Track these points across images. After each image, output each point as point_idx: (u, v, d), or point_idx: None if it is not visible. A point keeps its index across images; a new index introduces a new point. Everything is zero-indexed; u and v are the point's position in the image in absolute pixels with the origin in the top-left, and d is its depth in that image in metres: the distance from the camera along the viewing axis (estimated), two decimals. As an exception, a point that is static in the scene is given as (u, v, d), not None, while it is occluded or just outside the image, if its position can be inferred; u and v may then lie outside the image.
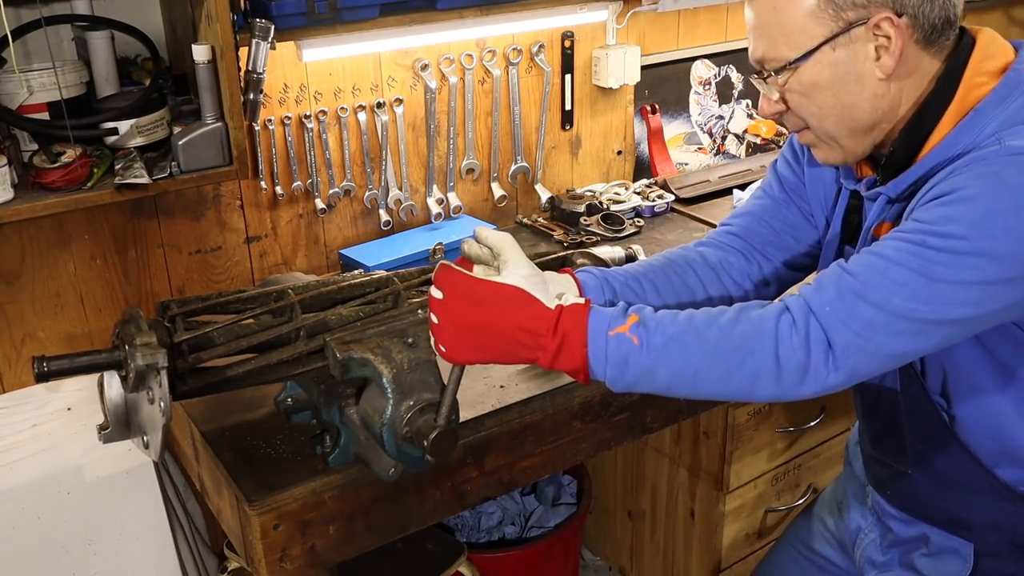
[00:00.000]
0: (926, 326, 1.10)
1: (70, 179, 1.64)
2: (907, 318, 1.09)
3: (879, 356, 1.11)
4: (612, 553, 2.58)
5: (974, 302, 1.08)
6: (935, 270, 1.07)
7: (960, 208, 1.07)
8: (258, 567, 1.40)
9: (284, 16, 1.76)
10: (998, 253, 1.06)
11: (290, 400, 1.47)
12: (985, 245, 1.06)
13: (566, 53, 2.41)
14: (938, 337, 1.12)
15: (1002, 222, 1.05)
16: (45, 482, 1.67)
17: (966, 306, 1.09)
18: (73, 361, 1.21)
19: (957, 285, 1.07)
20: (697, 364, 1.13)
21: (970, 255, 1.06)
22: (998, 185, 1.07)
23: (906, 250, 1.09)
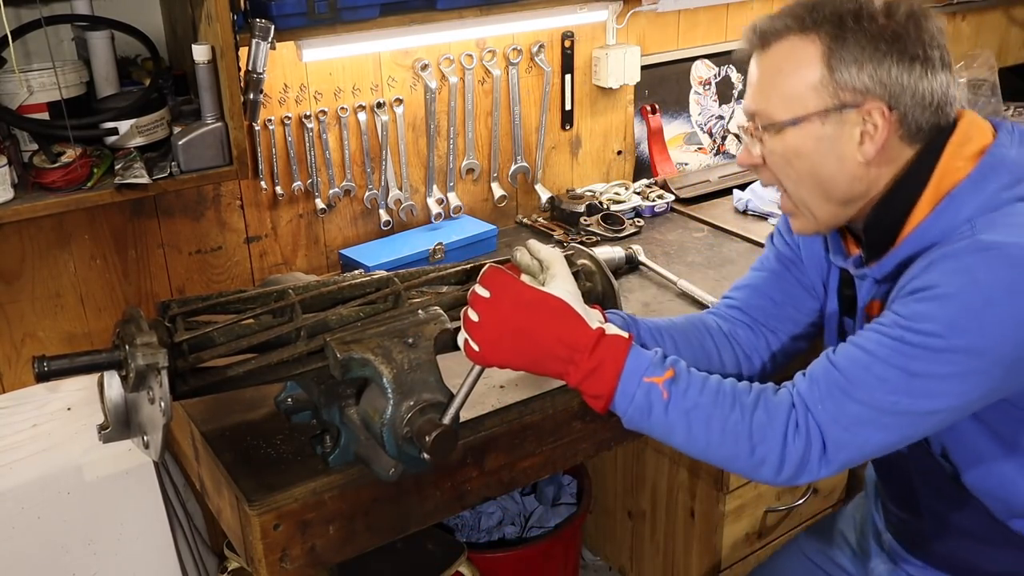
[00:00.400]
0: (911, 418, 1.16)
1: (70, 179, 1.64)
2: (892, 412, 1.15)
3: (867, 449, 1.18)
4: (612, 553, 2.58)
5: (955, 393, 1.14)
6: (914, 365, 1.13)
7: (935, 306, 1.13)
8: (258, 567, 1.40)
9: (284, 16, 1.76)
10: (973, 348, 1.12)
11: (290, 400, 1.47)
12: (960, 342, 1.11)
13: (566, 53, 2.41)
14: (925, 427, 1.18)
15: (975, 319, 1.11)
16: (45, 482, 1.67)
17: (948, 397, 1.14)
18: (73, 361, 1.21)
19: (937, 379, 1.13)
20: (712, 438, 1.21)
21: (946, 351, 1.12)
22: (969, 283, 1.12)
23: (887, 345, 1.15)
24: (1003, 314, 1.10)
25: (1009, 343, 1.11)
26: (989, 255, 1.12)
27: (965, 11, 3.21)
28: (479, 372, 1.26)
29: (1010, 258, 1.11)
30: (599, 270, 1.55)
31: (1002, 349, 1.11)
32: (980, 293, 1.11)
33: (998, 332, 1.11)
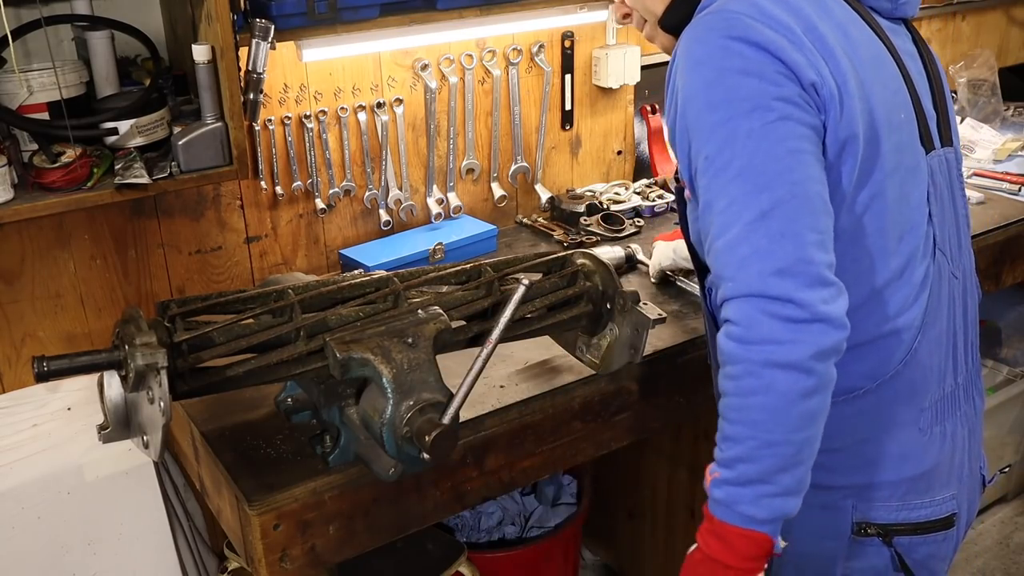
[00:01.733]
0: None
1: (70, 179, 1.64)
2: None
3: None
4: (612, 553, 2.58)
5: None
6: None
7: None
8: (258, 567, 1.40)
9: (284, 16, 1.76)
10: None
11: (290, 400, 1.47)
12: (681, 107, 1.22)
13: (566, 53, 2.41)
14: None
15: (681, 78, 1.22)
16: (45, 482, 1.67)
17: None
18: (73, 361, 1.21)
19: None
20: (770, 420, 1.11)
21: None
22: (679, 53, 1.23)
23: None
24: (716, 77, 1.16)
25: (737, 88, 1.15)
26: (703, 20, 1.20)
27: (965, 11, 3.21)
28: (479, 370, 1.25)
29: (722, 19, 1.18)
30: (600, 269, 1.55)
31: (736, 94, 1.15)
32: (698, 51, 1.19)
33: (717, 93, 1.16)
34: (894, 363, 1.27)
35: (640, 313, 1.51)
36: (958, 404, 1.36)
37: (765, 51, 1.15)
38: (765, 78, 1.14)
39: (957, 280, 1.33)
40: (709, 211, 1.15)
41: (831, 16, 1.24)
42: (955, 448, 1.35)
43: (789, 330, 1.07)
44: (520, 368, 1.70)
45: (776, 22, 1.17)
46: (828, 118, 1.18)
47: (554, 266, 1.57)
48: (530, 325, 1.50)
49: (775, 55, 1.15)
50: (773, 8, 1.19)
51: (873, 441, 1.30)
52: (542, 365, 1.70)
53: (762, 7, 1.18)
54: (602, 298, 1.55)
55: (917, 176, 1.27)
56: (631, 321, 1.52)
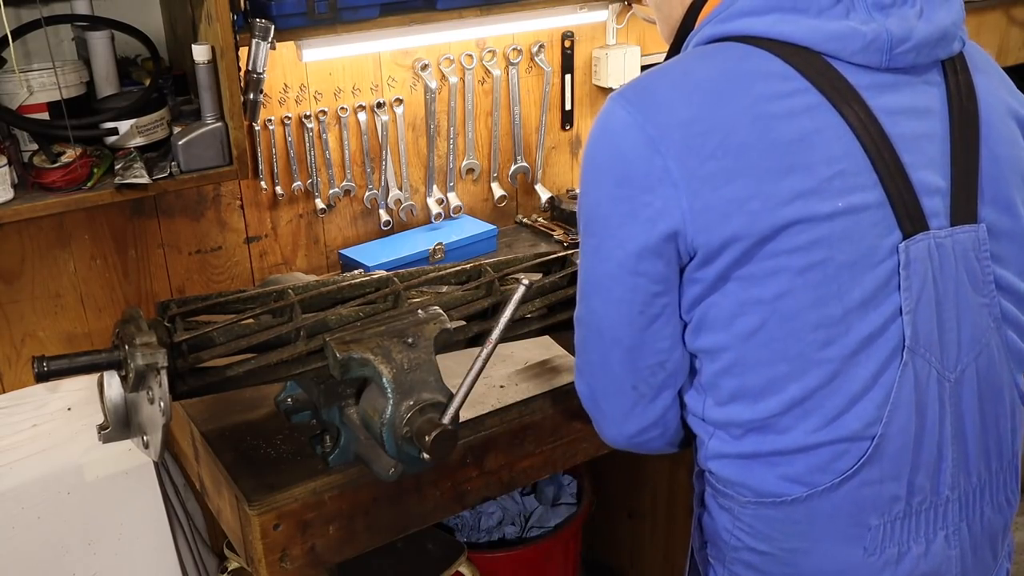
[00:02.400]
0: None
1: (70, 179, 1.64)
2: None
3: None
4: (612, 553, 2.58)
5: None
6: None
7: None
8: (258, 567, 1.40)
9: (284, 16, 1.76)
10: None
11: (290, 400, 1.47)
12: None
13: (566, 53, 2.41)
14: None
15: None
16: (45, 482, 1.67)
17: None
18: (73, 361, 1.21)
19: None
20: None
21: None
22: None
23: None
24: (584, 167, 1.15)
25: (584, 196, 1.15)
26: (610, 98, 1.14)
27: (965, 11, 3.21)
28: (479, 370, 1.26)
29: (608, 110, 1.13)
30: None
31: (583, 200, 1.16)
32: (589, 135, 1.16)
33: (582, 184, 1.16)
34: (832, 474, 1.13)
35: None
36: (942, 520, 1.18)
37: (617, 167, 1.11)
38: (602, 201, 1.13)
39: (948, 384, 1.13)
40: None
41: (751, 96, 1.08)
42: (932, 569, 1.18)
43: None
44: (520, 368, 1.70)
45: (649, 122, 1.08)
46: (681, 243, 1.10)
47: (554, 266, 1.57)
48: (530, 325, 1.50)
49: (625, 177, 1.10)
50: (667, 93, 1.10)
51: (803, 553, 1.17)
52: (542, 365, 1.70)
53: (654, 93, 1.11)
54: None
55: (868, 270, 1.08)
56: (631, 321, 1.52)
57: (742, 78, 1.09)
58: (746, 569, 1.21)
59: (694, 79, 1.10)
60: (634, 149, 1.08)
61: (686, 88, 1.09)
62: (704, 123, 1.07)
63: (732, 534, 1.22)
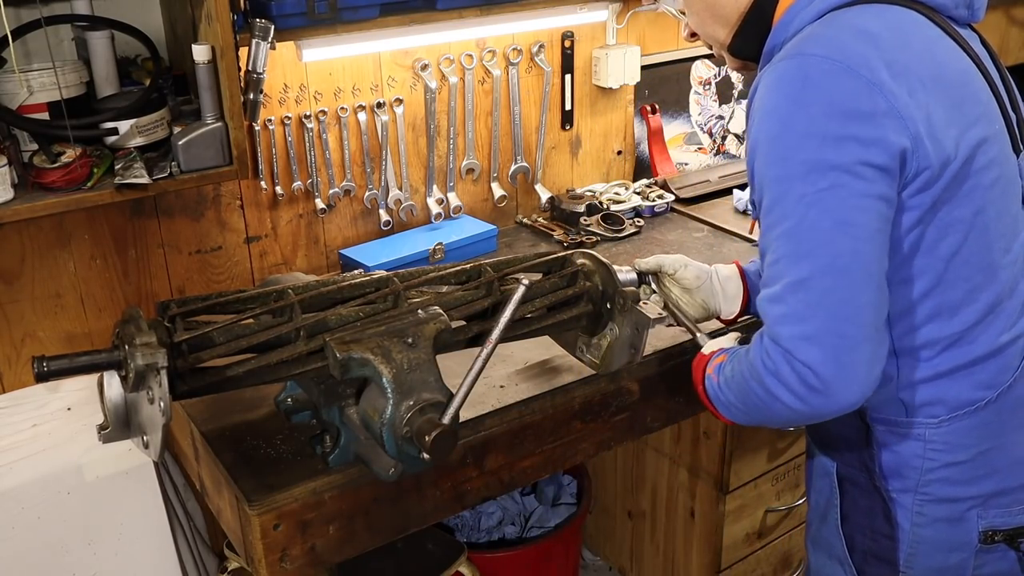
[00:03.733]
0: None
1: (70, 179, 1.64)
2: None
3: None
4: (612, 553, 2.58)
5: (792, 211, 1.20)
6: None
7: (752, 125, 1.24)
8: (258, 567, 1.40)
9: (284, 16, 1.76)
10: (773, 157, 1.21)
11: (290, 400, 1.47)
12: (763, 152, 1.22)
13: (566, 53, 2.41)
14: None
15: (767, 130, 1.21)
16: (45, 482, 1.67)
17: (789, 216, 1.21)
18: (73, 361, 1.21)
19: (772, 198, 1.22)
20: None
21: (763, 160, 1.23)
22: (764, 96, 1.21)
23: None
24: (780, 128, 1.17)
25: (797, 150, 1.16)
26: (778, 66, 1.19)
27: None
28: (479, 370, 1.26)
29: (797, 67, 1.17)
30: (600, 269, 1.55)
31: (795, 155, 1.16)
32: (769, 102, 1.18)
33: (781, 145, 1.17)
34: (1012, 371, 1.29)
35: (640, 312, 1.51)
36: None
37: (835, 109, 1.14)
38: (827, 142, 1.14)
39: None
40: (762, 257, 1.24)
41: (916, 39, 1.22)
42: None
43: (803, 392, 1.17)
44: (520, 368, 1.70)
45: (856, 65, 1.15)
46: (910, 167, 1.17)
47: (554, 266, 1.57)
48: (530, 325, 1.50)
49: (847, 114, 1.14)
50: (855, 45, 1.17)
51: (996, 449, 1.30)
52: (542, 365, 1.70)
53: (843, 46, 1.17)
54: (602, 298, 1.54)
55: (1013, 184, 1.28)
56: (631, 320, 1.52)
57: (905, 27, 1.22)
58: (942, 486, 1.31)
59: (871, 31, 1.19)
60: (853, 89, 1.14)
61: (869, 38, 1.18)
62: (899, 64, 1.17)
63: (924, 458, 1.30)
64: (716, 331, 1.59)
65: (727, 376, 1.32)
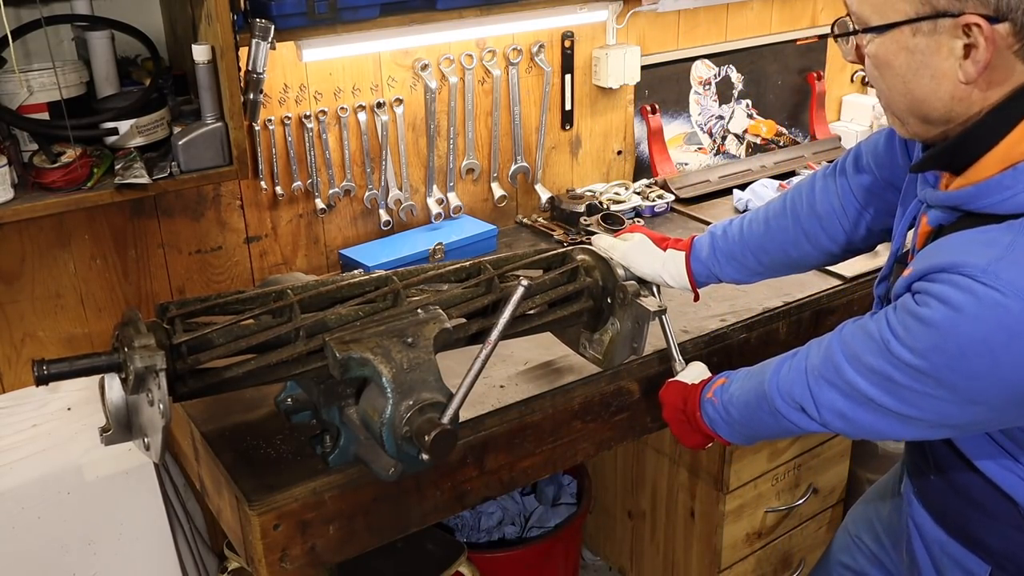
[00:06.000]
0: (891, 415, 1.15)
1: (70, 179, 1.64)
2: (873, 402, 1.15)
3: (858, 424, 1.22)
4: (612, 553, 2.58)
5: (932, 411, 1.09)
6: (895, 374, 1.10)
7: (918, 325, 1.05)
8: (258, 567, 1.40)
9: (284, 16, 1.76)
10: (945, 382, 1.05)
11: (290, 400, 1.47)
12: (931, 370, 1.05)
13: (566, 53, 2.41)
14: (911, 427, 1.15)
15: (948, 358, 1.03)
16: (45, 482, 1.67)
17: (924, 411, 1.10)
18: (72, 364, 1.21)
19: (912, 393, 1.08)
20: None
21: (920, 373, 1.06)
22: (952, 323, 1.02)
23: (878, 342, 1.12)
24: (977, 366, 1.01)
25: (982, 392, 1.03)
26: (983, 302, 0.98)
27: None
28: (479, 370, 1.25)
29: (1001, 316, 0.98)
30: (599, 264, 1.55)
31: (976, 395, 1.03)
32: (957, 340, 1.01)
33: (970, 380, 1.02)
34: None
35: (640, 306, 1.51)
36: None
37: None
38: None
39: None
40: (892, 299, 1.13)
41: None
42: None
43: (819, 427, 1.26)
44: (520, 368, 1.70)
45: None
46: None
47: (554, 262, 1.57)
48: (531, 322, 1.50)
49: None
50: None
51: None
52: (542, 365, 1.70)
53: None
54: (602, 293, 1.55)
55: None
56: (631, 314, 1.53)
57: None
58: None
59: None
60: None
61: None
62: None
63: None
64: (692, 356, 1.65)
65: (733, 395, 1.38)
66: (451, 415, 1.25)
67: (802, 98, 2.94)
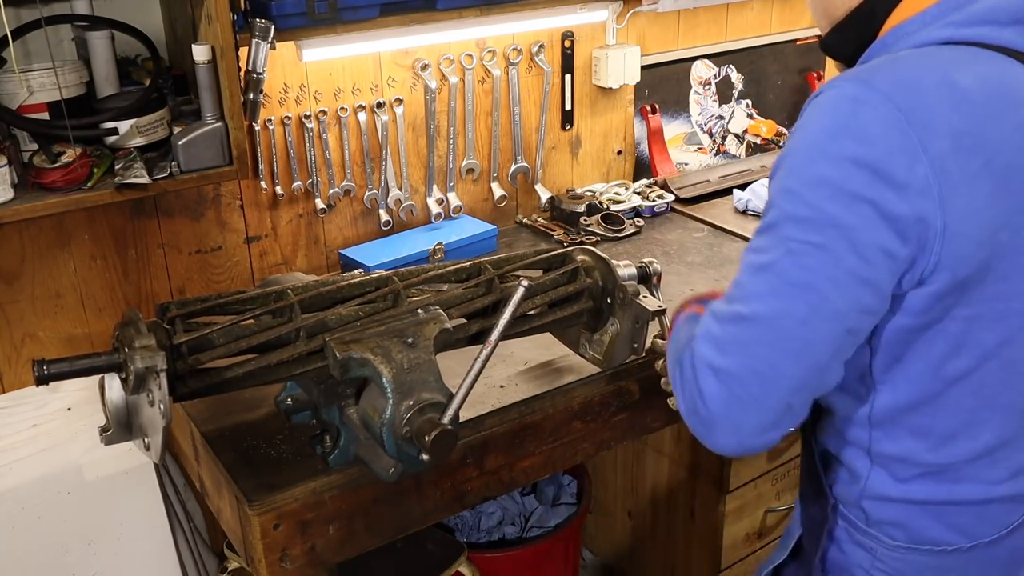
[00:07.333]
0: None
1: (70, 179, 1.64)
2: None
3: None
4: (612, 553, 2.58)
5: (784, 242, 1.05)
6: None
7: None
8: (258, 567, 1.40)
9: (284, 16, 1.76)
10: (785, 187, 1.05)
11: (290, 400, 1.47)
12: (781, 179, 1.06)
13: (566, 53, 2.41)
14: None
15: (790, 158, 1.05)
16: (45, 482, 1.67)
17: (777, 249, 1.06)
18: (72, 364, 1.21)
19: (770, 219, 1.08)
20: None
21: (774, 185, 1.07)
22: (801, 123, 1.05)
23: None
24: (806, 157, 1.00)
25: (809, 189, 0.99)
26: (840, 87, 1.01)
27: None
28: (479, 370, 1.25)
29: (852, 98, 0.99)
30: (599, 265, 1.55)
31: (804, 194, 1.00)
32: (809, 125, 1.02)
33: (797, 174, 1.01)
34: (999, 527, 1.14)
35: (640, 306, 1.51)
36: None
37: (867, 163, 0.97)
38: (841, 195, 0.97)
39: None
40: (740, 262, 1.08)
41: (1015, 113, 1.00)
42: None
43: (690, 406, 1.07)
44: (520, 368, 1.70)
45: (916, 121, 0.97)
46: (926, 262, 1.01)
47: (554, 263, 1.57)
48: (531, 322, 1.50)
49: (878, 174, 0.97)
50: (930, 96, 0.98)
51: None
52: (542, 365, 1.70)
53: (916, 92, 0.98)
54: (602, 293, 1.55)
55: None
56: (631, 314, 1.53)
57: (1007, 93, 0.99)
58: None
59: (961, 88, 0.98)
60: (895, 150, 0.96)
61: (954, 96, 0.98)
62: (973, 137, 0.97)
63: (868, 572, 1.19)
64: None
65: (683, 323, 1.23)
66: (451, 415, 1.25)
67: (802, 98, 2.94)
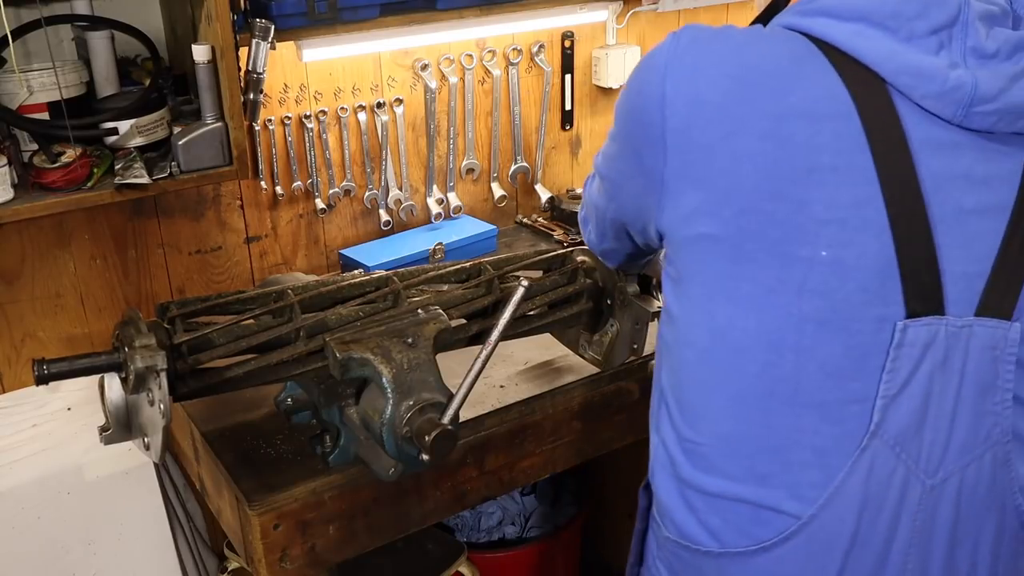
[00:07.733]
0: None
1: (70, 179, 1.64)
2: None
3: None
4: (612, 553, 2.58)
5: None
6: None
7: None
8: (258, 567, 1.40)
9: (284, 16, 1.76)
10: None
11: (290, 400, 1.47)
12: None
13: (566, 53, 2.41)
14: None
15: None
16: (45, 482, 1.67)
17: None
18: (73, 364, 1.21)
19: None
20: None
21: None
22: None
23: None
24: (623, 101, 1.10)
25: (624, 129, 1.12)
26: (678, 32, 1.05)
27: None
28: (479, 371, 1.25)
29: (666, 42, 1.03)
30: (599, 265, 1.55)
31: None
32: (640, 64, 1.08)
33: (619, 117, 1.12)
34: (749, 539, 1.04)
35: (639, 307, 1.51)
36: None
37: (635, 107, 1.05)
38: (615, 138, 1.17)
39: (922, 488, 0.99)
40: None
41: (775, 103, 0.96)
42: None
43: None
44: (520, 368, 1.70)
45: (691, 75, 0.99)
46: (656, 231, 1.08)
47: (554, 263, 1.57)
48: (531, 323, 1.50)
49: (638, 122, 1.05)
50: (719, 55, 0.99)
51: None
52: (542, 365, 1.70)
53: (710, 48, 1.00)
54: (602, 294, 1.55)
55: (840, 333, 0.96)
56: (631, 315, 1.53)
57: (785, 79, 0.96)
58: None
59: (741, 57, 0.98)
60: (647, 101, 1.02)
61: (727, 62, 0.98)
62: (718, 110, 0.96)
63: (653, 562, 1.18)
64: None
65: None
66: (451, 415, 1.25)
67: (802, 98, 2.94)
